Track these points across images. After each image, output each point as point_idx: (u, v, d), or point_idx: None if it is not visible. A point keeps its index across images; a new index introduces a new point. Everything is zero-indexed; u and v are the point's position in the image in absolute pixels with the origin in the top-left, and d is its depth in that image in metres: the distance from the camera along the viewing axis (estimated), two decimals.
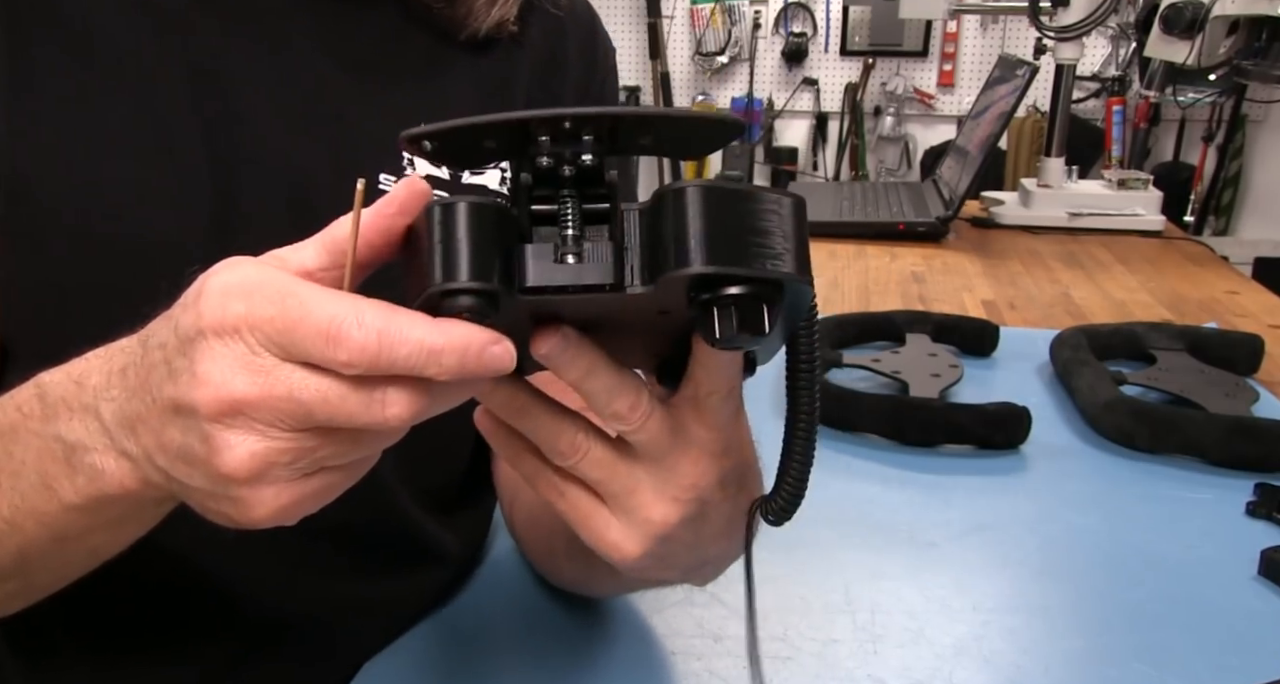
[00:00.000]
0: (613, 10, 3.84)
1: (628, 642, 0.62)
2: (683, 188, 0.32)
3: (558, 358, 0.36)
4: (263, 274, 0.34)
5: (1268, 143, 3.57)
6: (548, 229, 0.33)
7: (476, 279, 0.32)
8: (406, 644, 0.63)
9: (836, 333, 1.11)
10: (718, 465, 0.40)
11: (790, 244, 0.32)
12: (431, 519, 0.65)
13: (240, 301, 0.33)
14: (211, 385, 0.33)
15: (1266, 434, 0.84)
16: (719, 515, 0.42)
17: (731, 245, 0.31)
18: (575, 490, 0.41)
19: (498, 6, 0.60)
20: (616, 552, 0.41)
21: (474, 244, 0.32)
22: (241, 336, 0.33)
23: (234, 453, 0.33)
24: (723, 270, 0.31)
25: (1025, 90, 1.60)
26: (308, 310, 0.32)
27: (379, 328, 0.32)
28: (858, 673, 0.60)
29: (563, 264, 0.32)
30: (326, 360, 0.32)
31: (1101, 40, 3.35)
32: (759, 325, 0.32)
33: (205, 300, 0.33)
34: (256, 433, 0.33)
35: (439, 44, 0.60)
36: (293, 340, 0.32)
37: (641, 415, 0.38)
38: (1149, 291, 1.40)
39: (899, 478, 0.85)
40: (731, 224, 0.31)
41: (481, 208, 0.32)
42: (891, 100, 3.76)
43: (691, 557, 0.44)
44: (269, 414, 0.33)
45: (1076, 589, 0.69)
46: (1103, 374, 0.96)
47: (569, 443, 0.39)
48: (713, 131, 0.35)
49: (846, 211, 1.75)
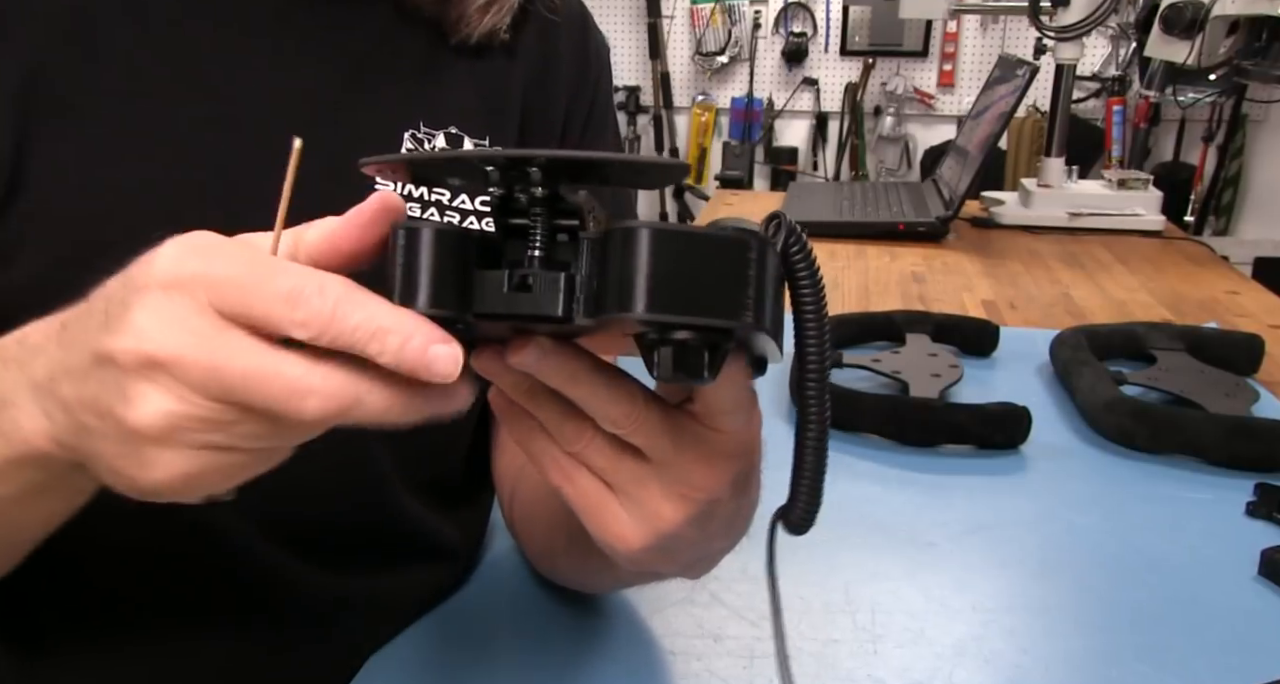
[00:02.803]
0: (613, 10, 3.84)
1: (628, 641, 0.62)
2: (632, 227, 0.31)
3: (533, 368, 0.36)
4: (226, 240, 0.34)
5: (1268, 143, 3.57)
6: (520, 244, 0.34)
7: (434, 306, 0.33)
8: (407, 640, 0.63)
9: (836, 333, 1.11)
10: (731, 467, 0.40)
11: (747, 290, 0.32)
12: (431, 514, 0.65)
13: (198, 258, 0.33)
14: (141, 336, 0.33)
15: (1266, 434, 0.84)
16: (725, 513, 0.42)
17: (676, 292, 0.31)
18: (585, 477, 0.40)
19: (490, 14, 0.60)
20: (621, 542, 0.41)
21: (434, 270, 0.33)
22: (189, 291, 0.33)
23: (146, 406, 0.33)
24: (660, 318, 0.31)
25: (1025, 90, 1.60)
26: (274, 273, 0.32)
27: (337, 296, 0.32)
28: (858, 673, 0.60)
29: (515, 293, 0.33)
30: (279, 318, 0.32)
31: (1101, 40, 3.35)
32: (698, 370, 0.33)
33: (161, 254, 0.33)
34: (174, 394, 0.33)
35: (433, 47, 0.60)
36: (249, 299, 0.32)
37: (636, 423, 0.37)
38: (1149, 291, 1.40)
39: (899, 478, 0.85)
40: (679, 269, 0.31)
41: (444, 234, 0.33)
42: (891, 100, 3.76)
43: (693, 552, 0.43)
44: (193, 375, 0.32)
45: (1076, 589, 0.69)
46: (1103, 374, 0.96)
47: (575, 429, 0.39)
48: (660, 173, 0.36)
49: (846, 211, 1.75)
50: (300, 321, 0.32)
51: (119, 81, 0.53)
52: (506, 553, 0.72)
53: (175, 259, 0.33)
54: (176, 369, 0.32)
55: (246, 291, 0.32)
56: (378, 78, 0.59)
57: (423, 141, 0.59)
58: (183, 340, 0.32)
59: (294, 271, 0.33)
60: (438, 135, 0.60)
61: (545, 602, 0.66)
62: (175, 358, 0.32)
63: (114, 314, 0.34)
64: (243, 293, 0.32)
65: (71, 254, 0.51)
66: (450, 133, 0.60)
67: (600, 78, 0.69)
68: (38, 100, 0.51)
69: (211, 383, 0.32)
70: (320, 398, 0.32)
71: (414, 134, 0.59)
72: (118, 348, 0.33)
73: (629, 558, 0.41)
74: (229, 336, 0.32)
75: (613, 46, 4.21)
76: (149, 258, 0.34)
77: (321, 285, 0.32)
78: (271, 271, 0.32)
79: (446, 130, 0.60)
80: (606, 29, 4.04)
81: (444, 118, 0.60)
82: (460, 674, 0.61)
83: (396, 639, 0.63)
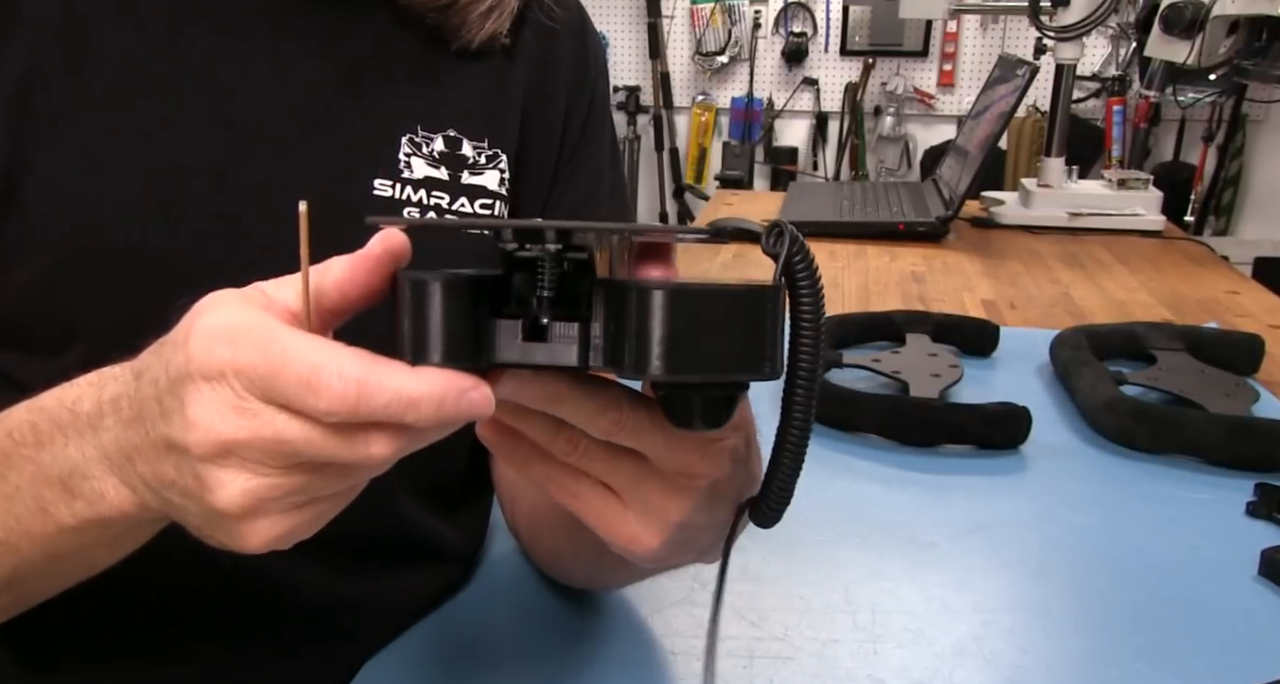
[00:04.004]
0: (613, 10, 3.84)
1: (628, 641, 0.62)
2: (649, 289, 0.32)
3: (513, 396, 0.36)
4: (248, 317, 0.34)
5: (1268, 143, 3.57)
6: (528, 278, 0.34)
7: (447, 361, 0.33)
8: (406, 643, 0.63)
9: (837, 333, 1.11)
10: (727, 449, 0.40)
11: (765, 342, 0.32)
12: (432, 518, 0.65)
13: (226, 346, 0.34)
14: (201, 428, 0.34)
15: (1266, 434, 0.84)
16: (732, 488, 0.41)
17: (693, 353, 0.32)
18: (587, 488, 0.40)
19: (491, 20, 0.60)
20: (635, 544, 0.41)
21: (445, 323, 0.33)
22: (227, 381, 0.34)
23: (227, 491, 0.34)
24: (677, 379, 0.32)
25: (1025, 90, 1.60)
26: (289, 358, 0.33)
27: (357, 378, 0.32)
28: (858, 673, 0.60)
29: (530, 342, 0.33)
30: (307, 408, 0.33)
31: (1101, 40, 3.35)
32: (716, 419, 0.34)
33: (193, 343, 0.34)
34: (248, 471, 0.34)
35: (432, 50, 0.60)
36: (274, 386, 0.33)
37: (624, 427, 0.37)
38: (1149, 291, 1.40)
39: (899, 478, 0.85)
40: (695, 329, 0.32)
41: (453, 285, 0.33)
42: (891, 100, 3.76)
43: (709, 536, 0.43)
44: (258, 453, 0.34)
45: (1076, 589, 0.69)
46: (1103, 374, 0.96)
47: (567, 440, 0.39)
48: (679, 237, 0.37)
49: (846, 211, 1.75)
50: (325, 411, 0.32)
51: (115, 86, 0.52)
52: (506, 554, 0.72)
53: (206, 349, 0.34)
54: (243, 449, 0.34)
55: (269, 382, 0.33)
56: (376, 81, 0.58)
57: (420, 145, 0.59)
58: (238, 423, 0.33)
59: (307, 358, 0.33)
60: (436, 138, 0.59)
61: (545, 602, 0.66)
62: (238, 439, 0.34)
63: (168, 406, 0.35)
64: (266, 383, 0.33)
65: (72, 258, 0.51)
66: (449, 135, 0.60)
67: (598, 79, 0.69)
68: (33, 106, 0.51)
69: (276, 454, 0.34)
70: (381, 445, 0.34)
71: (411, 138, 0.59)
72: (187, 441, 0.34)
73: (646, 558, 0.41)
74: (275, 411, 0.33)
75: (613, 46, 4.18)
76: (182, 341, 0.35)
77: (339, 367, 0.32)
78: (284, 361, 0.33)
79: (445, 133, 0.60)
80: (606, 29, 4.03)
81: (443, 120, 0.60)
82: (460, 675, 0.61)
83: (396, 641, 0.63)
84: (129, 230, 0.51)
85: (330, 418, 0.33)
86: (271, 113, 0.55)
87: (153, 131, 0.53)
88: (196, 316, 0.35)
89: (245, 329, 0.34)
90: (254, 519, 0.35)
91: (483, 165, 0.61)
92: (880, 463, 0.87)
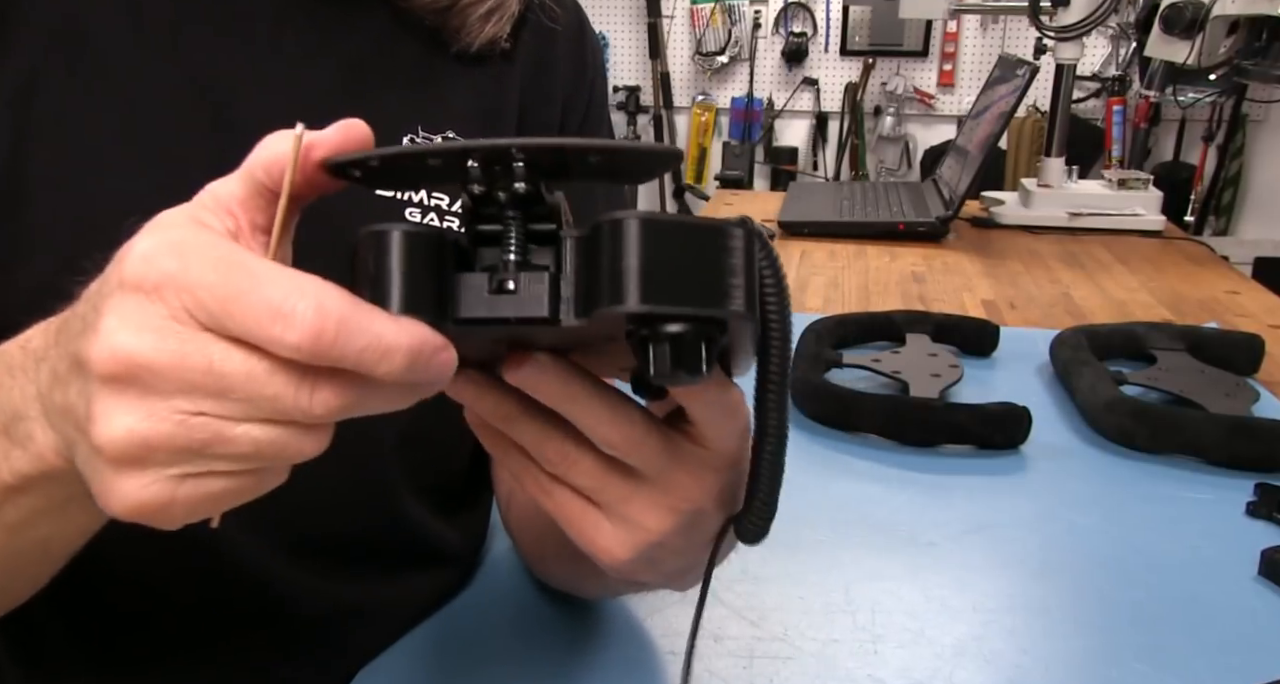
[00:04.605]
0: (613, 10, 3.84)
1: (627, 641, 0.62)
2: (620, 219, 0.30)
3: (530, 384, 0.35)
4: (201, 236, 0.31)
5: (1268, 143, 3.57)
6: (492, 251, 0.32)
7: (407, 311, 0.30)
8: (406, 645, 0.62)
9: (836, 333, 1.11)
10: (720, 479, 0.40)
11: (737, 279, 0.31)
12: (434, 519, 0.65)
13: (172, 259, 0.29)
14: (107, 341, 0.29)
15: (1266, 434, 0.84)
16: (711, 524, 0.41)
17: (669, 282, 0.30)
18: (564, 492, 0.40)
19: (491, 23, 0.60)
20: (605, 554, 0.40)
21: (405, 275, 0.31)
22: (162, 296, 0.29)
23: (111, 423, 0.29)
24: (656, 309, 0.30)
25: (1025, 90, 1.60)
26: (258, 282, 0.29)
27: (339, 314, 0.29)
28: (858, 673, 0.60)
29: (497, 295, 0.31)
30: (267, 338, 0.29)
31: (1101, 40, 3.35)
32: (696, 365, 0.31)
33: (134, 251, 0.30)
34: (144, 408, 0.29)
35: (431, 51, 0.60)
36: (230, 311, 0.29)
37: (634, 445, 0.36)
38: (1149, 291, 1.40)
39: (899, 478, 0.85)
40: (670, 259, 0.30)
41: (414, 236, 0.31)
42: (891, 100, 3.76)
43: (679, 562, 0.43)
44: (173, 385, 0.29)
45: (1076, 589, 0.69)
46: (1103, 374, 0.96)
47: (556, 451, 0.38)
48: (651, 161, 0.34)
49: (846, 211, 1.75)
50: (292, 344, 0.28)
51: (115, 87, 0.52)
52: (506, 554, 0.72)
53: (147, 258, 0.30)
54: (155, 376, 0.29)
55: (225, 304, 0.29)
56: (376, 81, 0.58)
57: None
58: (160, 344, 0.29)
59: (280, 283, 0.29)
60: (435, 138, 0.59)
61: (545, 602, 0.66)
62: (154, 364, 0.29)
63: (89, 320, 0.31)
64: (220, 306, 0.29)
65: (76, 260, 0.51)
66: (448, 137, 0.60)
67: (595, 80, 0.69)
68: (34, 107, 0.51)
69: (199, 389, 0.29)
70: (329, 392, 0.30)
71: (413, 138, 0.59)
72: (89, 354, 0.30)
73: (613, 567, 0.41)
74: (212, 339, 0.29)
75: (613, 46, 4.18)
76: (123, 253, 0.31)
77: (320, 301, 0.29)
78: (252, 284, 0.29)
79: (444, 134, 0.60)
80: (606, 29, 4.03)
81: (442, 122, 0.60)
82: (460, 675, 0.61)
83: (397, 643, 0.63)
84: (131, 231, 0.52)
85: (293, 354, 0.29)
86: (272, 113, 0.55)
87: (153, 132, 0.53)
88: (142, 233, 0.31)
89: (198, 245, 0.30)
90: (129, 470, 0.30)
91: None
92: (880, 463, 0.87)
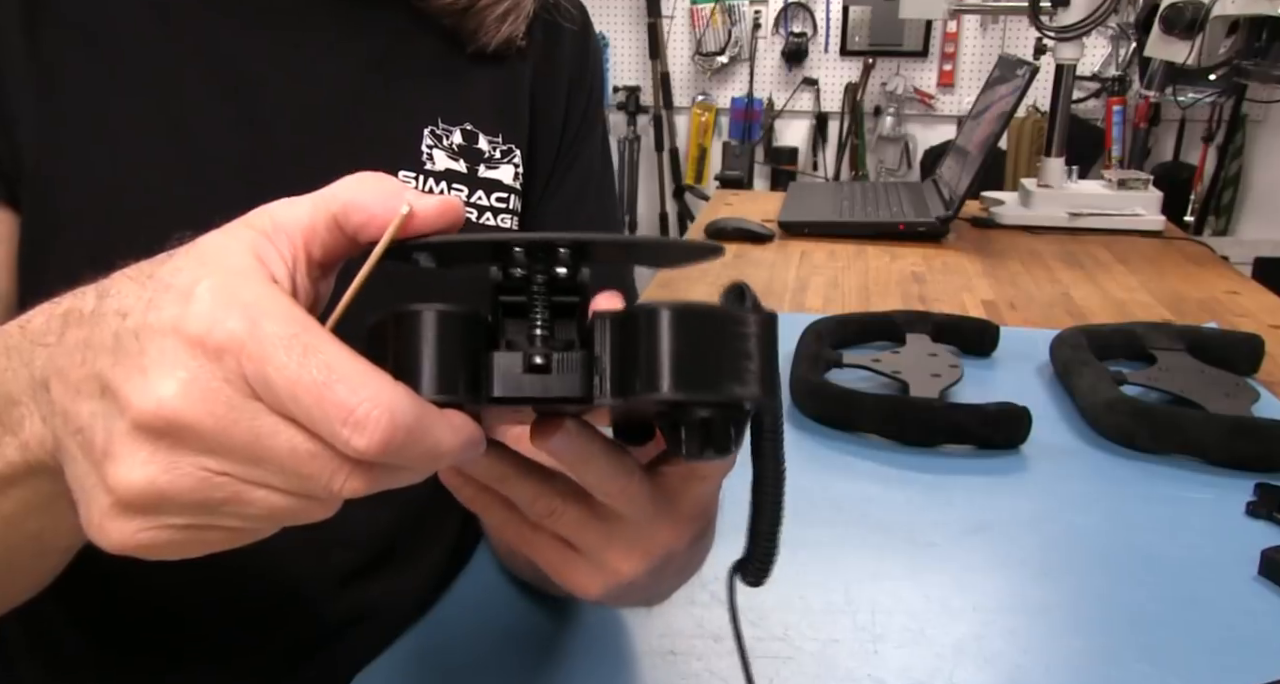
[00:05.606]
0: (613, 10, 3.84)
1: (627, 641, 0.62)
2: (656, 309, 0.31)
3: (560, 452, 0.35)
4: (270, 298, 0.29)
5: (1268, 143, 3.57)
6: (516, 323, 0.33)
7: (441, 393, 0.30)
8: (402, 647, 0.62)
9: (837, 333, 1.11)
10: (693, 527, 0.41)
11: (758, 364, 0.32)
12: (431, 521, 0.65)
13: (240, 322, 0.28)
14: (155, 392, 0.28)
15: (1266, 434, 0.84)
16: (679, 563, 0.42)
17: (700, 370, 0.31)
18: (544, 539, 0.40)
19: (508, 24, 0.61)
20: (580, 590, 0.41)
21: (440, 357, 0.30)
22: (222, 360, 0.28)
23: (132, 469, 0.28)
24: (689, 398, 0.31)
25: (1025, 90, 1.60)
26: (333, 376, 0.27)
27: (409, 426, 0.28)
28: (858, 673, 0.60)
29: (531, 374, 0.32)
30: (333, 436, 0.28)
31: (1101, 40, 3.35)
32: (725, 444, 0.33)
33: (197, 303, 0.28)
34: (170, 461, 0.28)
35: (449, 46, 0.61)
36: (300, 398, 0.27)
37: (629, 497, 0.37)
38: (1149, 291, 1.40)
39: (899, 478, 0.85)
40: (701, 347, 0.32)
41: (447, 317, 0.31)
42: (891, 100, 3.76)
43: (645, 594, 0.45)
44: (209, 446, 0.28)
45: (1076, 589, 0.69)
46: (1103, 374, 0.96)
47: (545, 506, 0.38)
48: (692, 254, 0.36)
49: (846, 211, 1.75)
50: (359, 450, 0.27)
51: (142, 81, 0.53)
52: None
53: (214, 316, 0.28)
54: (190, 438, 0.28)
55: (296, 389, 0.27)
56: (397, 75, 0.59)
57: (441, 137, 0.60)
58: (210, 409, 0.28)
59: (357, 382, 0.27)
60: (454, 131, 0.60)
61: (544, 601, 0.66)
62: (193, 426, 0.28)
63: (127, 347, 0.29)
64: (290, 389, 0.27)
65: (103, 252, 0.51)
66: (466, 128, 0.61)
67: (594, 79, 0.70)
68: (63, 101, 0.51)
69: (229, 457, 0.28)
70: (357, 480, 0.29)
71: (433, 130, 0.60)
72: (130, 397, 0.28)
73: (587, 599, 0.42)
74: (262, 410, 0.28)
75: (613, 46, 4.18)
76: (183, 293, 0.29)
77: (394, 409, 0.28)
78: (329, 374, 0.27)
79: (463, 126, 0.61)
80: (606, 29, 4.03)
81: (460, 114, 0.61)
82: (460, 675, 0.61)
83: (396, 643, 0.62)
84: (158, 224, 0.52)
85: (354, 455, 0.28)
86: (297, 107, 0.56)
87: (180, 127, 0.53)
88: (203, 266, 0.29)
89: (271, 313, 0.28)
90: (134, 515, 0.29)
91: (498, 160, 0.62)
92: (880, 463, 0.87)
